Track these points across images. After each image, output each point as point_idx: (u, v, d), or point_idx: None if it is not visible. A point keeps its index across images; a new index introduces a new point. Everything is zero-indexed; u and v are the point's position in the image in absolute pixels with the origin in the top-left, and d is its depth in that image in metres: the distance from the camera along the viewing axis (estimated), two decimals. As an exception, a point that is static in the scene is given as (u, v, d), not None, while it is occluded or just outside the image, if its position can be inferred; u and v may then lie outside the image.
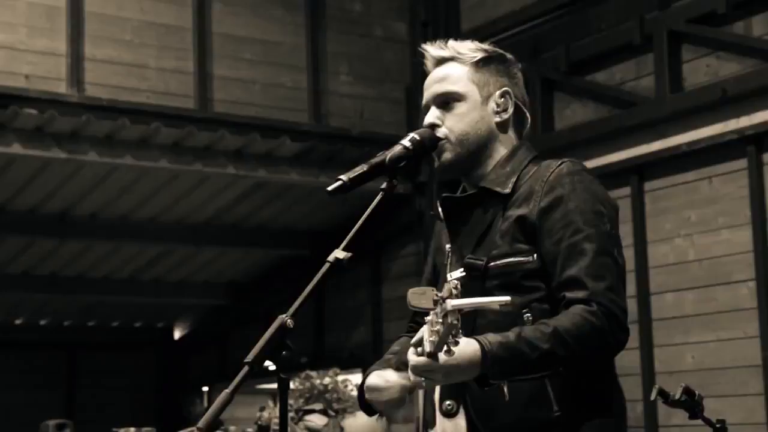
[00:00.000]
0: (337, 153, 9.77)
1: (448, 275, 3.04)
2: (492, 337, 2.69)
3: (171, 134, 9.09)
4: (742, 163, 7.68)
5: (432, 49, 3.15)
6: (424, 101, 3.13)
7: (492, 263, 2.92)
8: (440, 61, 3.13)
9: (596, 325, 2.75)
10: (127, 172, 9.76)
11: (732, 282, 7.68)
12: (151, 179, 10.14)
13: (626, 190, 8.41)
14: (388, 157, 2.91)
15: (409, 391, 3.00)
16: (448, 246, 3.10)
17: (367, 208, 2.87)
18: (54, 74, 8.72)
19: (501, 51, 3.17)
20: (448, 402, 2.80)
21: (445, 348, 2.46)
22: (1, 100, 8.38)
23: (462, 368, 2.65)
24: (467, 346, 2.65)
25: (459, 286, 2.42)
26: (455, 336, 2.42)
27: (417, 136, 2.99)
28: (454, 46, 3.13)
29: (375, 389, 3.04)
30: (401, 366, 3.12)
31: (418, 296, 2.42)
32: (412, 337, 3.19)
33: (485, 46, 3.15)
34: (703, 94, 7.90)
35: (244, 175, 9.72)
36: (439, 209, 3.13)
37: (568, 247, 2.85)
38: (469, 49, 3.12)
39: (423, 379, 2.67)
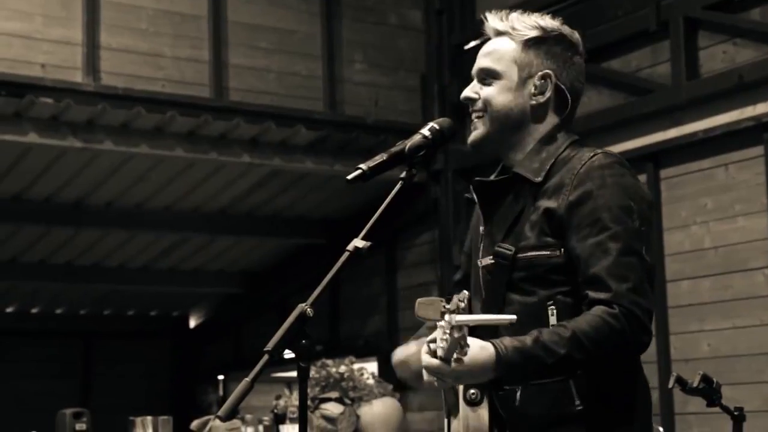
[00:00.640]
0: (351, 141, 9.76)
1: (479, 261, 3.04)
2: (508, 342, 2.69)
3: (186, 123, 9.10)
4: (759, 150, 7.65)
5: (491, 20, 3.14)
6: (472, 72, 3.12)
7: (520, 254, 2.90)
8: (496, 33, 3.12)
9: (616, 327, 2.74)
10: (143, 161, 9.77)
11: (748, 269, 7.66)
12: (167, 168, 10.14)
13: (642, 178, 8.34)
14: (407, 146, 2.91)
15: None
16: (482, 228, 3.09)
17: (382, 196, 2.87)
18: (70, 63, 8.73)
19: (563, 32, 3.10)
20: (472, 391, 2.79)
21: (454, 357, 2.46)
22: (17, 90, 8.39)
23: (474, 373, 2.67)
24: (482, 351, 2.66)
25: (465, 300, 2.42)
26: (462, 347, 2.43)
27: (436, 125, 2.98)
28: (513, 20, 3.10)
29: (401, 363, 3.06)
30: None
31: (425, 306, 2.42)
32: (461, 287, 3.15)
33: (547, 23, 3.09)
34: (719, 81, 7.87)
35: (259, 163, 9.72)
36: (473, 193, 3.11)
37: (593, 245, 2.82)
38: (526, 25, 3.08)
39: (435, 378, 2.67)
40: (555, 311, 2.81)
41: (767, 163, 7.56)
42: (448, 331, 2.43)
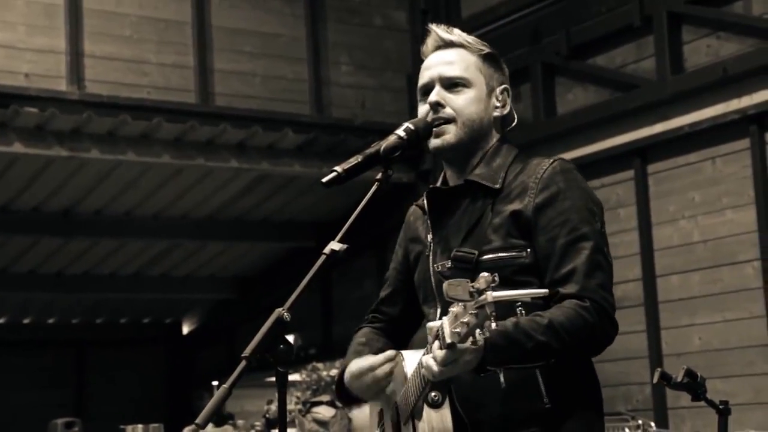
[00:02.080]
0: (339, 143, 9.75)
1: (433, 266, 3.04)
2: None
3: (173, 129, 9.07)
4: (745, 142, 7.65)
5: (440, 32, 3.12)
6: (426, 80, 3.08)
7: (484, 257, 2.91)
8: (448, 45, 3.10)
9: (588, 320, 2.78)
10: (130, 169, 9.75)
11: (737, 262, 7.66)
12: (154, 175, 10.13)
13: (629, 173, 8.39)
14: (382, 148, 2.90)
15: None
16: (429, 237, 3.09)
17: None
18: (54, 72, 8.71)
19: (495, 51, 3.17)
20: (433, 392, 2.79)
21: (471, 339, 2.44)
22: (2, 100, 8.37)
23: (473, 359, 2.65)
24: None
25: (497, 278, 2.40)
26: (488, 327, 2.41)
27: (411, 126, 2.97)
28: (461, 35, 3.11)
29: (360, 373, 3.04)
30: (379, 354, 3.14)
31: (454, 287, 2.41)
32: (375, 329, 3.25)
33: (482, 41, 3.14)
34: (704, 75, 7.87)
35: (247, 168, 9.71)
36: (424, 201, 3.13)
37: (564, 244, 2.87)
38: (475, 41, 3.11)
39: (440, 370, 2.62)
40: (524, 312, 2.81)
41: (754, 155, 7.57)
42: (473, 312, 2.41)
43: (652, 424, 7.27)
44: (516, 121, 3.15)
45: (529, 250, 2.90)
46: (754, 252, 7.54)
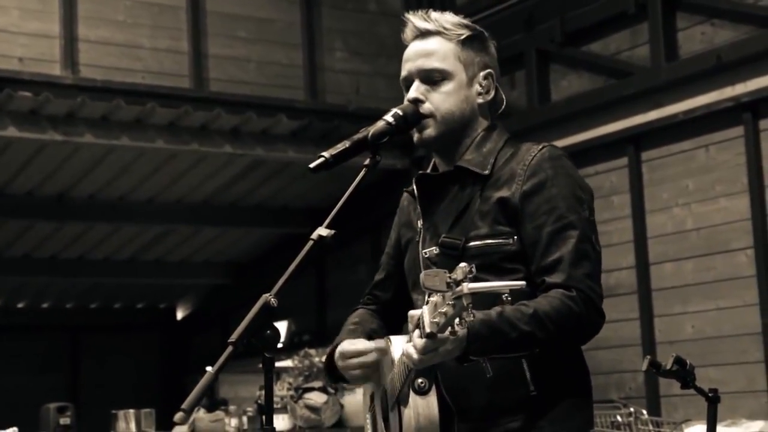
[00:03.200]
0: (333, 129, 9.72)
1: (422, 252, 3.02)
2: (475, 314, 2.68)
3: (166, 114, 9.05)
4: (739, 130, 7.65)
5: (416, 20, 3.08)
6: (405, 73, 3.08)
7: (470, 243, 2.90)
8: (424, 34, 3.07)
9: (574, 310, 2.76)
10: (124, 153, 9.74)
11: (731, 250, 7.66)
12: (148, 159, 10.12)
13: (623, 161, 8.39)
14: (370, 133, 2.90)
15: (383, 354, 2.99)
16: (420, 222, 3.08)
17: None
18: (47, 56, 8.69)
19: (479, 27, 3.10)
20: (420, 379, 2.78)
21: (449, 329, 2.44)
22: (-5, 84, 8.36)
23: (455, 349, 2.64)
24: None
25: (474, 269, 2.39)
26: (465, 318, 2.40)
27: (400, 112, 2.96)
28: (439, 20, 3.05)
29: (349, 355, 3.02)
30: (372, 335, 3.13)
31: (431, 278, 2.40)
32: (370, 311, 3.23)
33: (466, 21, 3.08)
34: (698, 62, 7.86)
35: (241, 153, 9.68)
36: (414, 187, 3.10)
37: (551, 233, 2.84)
38: (454, 24, 3.05)
39: (419, 358, 2.62)
40: (510, 300, 2.80)
41: (747, 143, 7.56)
42: (450, 302, 2.39)
43: (644, 411, 7.26)
44: (505, 102, 3.11)
45: (515, 237, 2.88)
46: (747, 240, 7.55)
